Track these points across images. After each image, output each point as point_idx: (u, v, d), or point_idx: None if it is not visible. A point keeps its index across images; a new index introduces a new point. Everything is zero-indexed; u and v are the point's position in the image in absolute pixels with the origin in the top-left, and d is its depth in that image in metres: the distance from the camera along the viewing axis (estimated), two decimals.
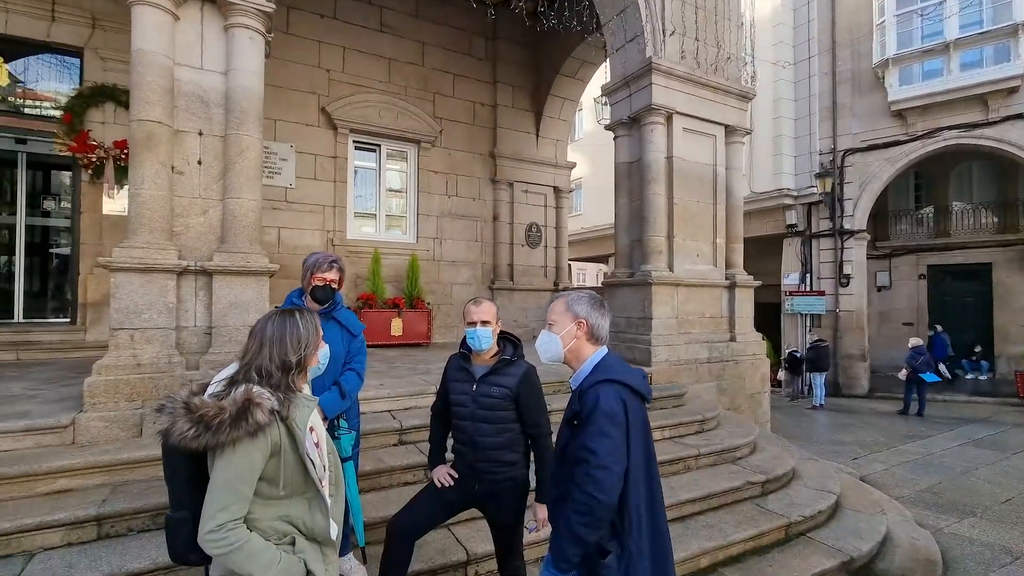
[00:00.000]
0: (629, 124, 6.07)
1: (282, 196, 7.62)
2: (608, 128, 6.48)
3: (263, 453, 1.38)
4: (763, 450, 4.84)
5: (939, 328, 13.55)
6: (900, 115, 12.24)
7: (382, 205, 8.56)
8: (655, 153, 5.74)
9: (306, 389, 1.65)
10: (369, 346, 7.20)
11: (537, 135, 9.65)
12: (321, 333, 1.65)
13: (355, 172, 8.33)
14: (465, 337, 2.36)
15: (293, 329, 1.55)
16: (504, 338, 2.42)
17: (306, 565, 1.47)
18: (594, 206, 20.17)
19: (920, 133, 12.03)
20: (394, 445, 3.73)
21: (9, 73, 6.67)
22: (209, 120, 3.71)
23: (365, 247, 7.97)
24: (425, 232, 8.68)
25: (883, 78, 12.48)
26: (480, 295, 2.58)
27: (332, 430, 2.52)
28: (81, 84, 6.76)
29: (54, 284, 7.49)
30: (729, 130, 6.27)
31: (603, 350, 1.79)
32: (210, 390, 1.45)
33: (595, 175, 19.97)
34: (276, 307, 1.84)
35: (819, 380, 11.59)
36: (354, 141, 8.25)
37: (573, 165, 10.18)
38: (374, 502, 3.10)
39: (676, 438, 4.63)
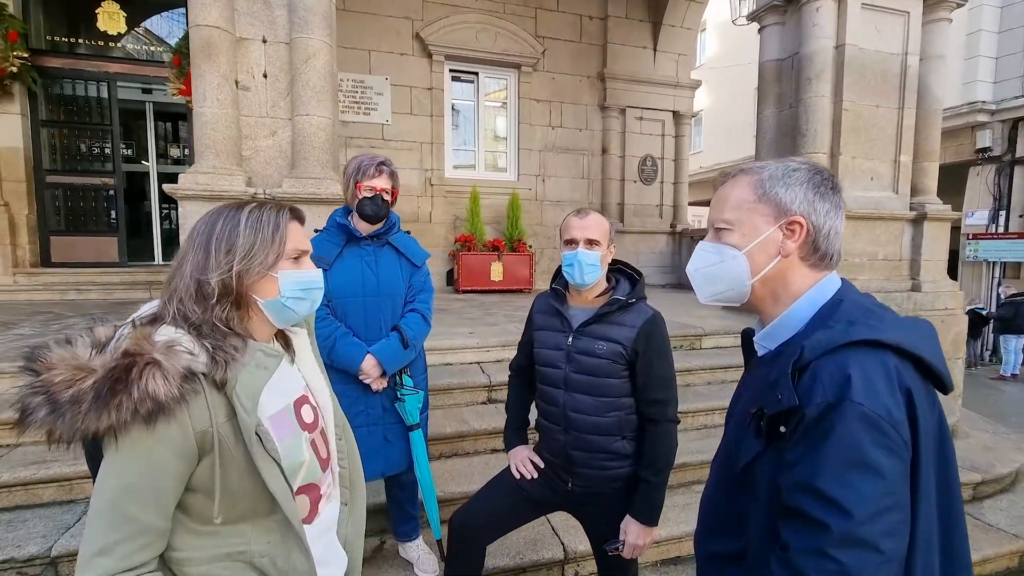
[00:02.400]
0: (782, 7, 4.67)
1: (379, 133, 7.29)
2: (751, 18, 5.10)
3: (176, 450, 0.78)
4: (966, 436, 3.62)
5: None
6: None
7: (481, 142, 7.94)
8: (820, 40, 4.35)
9: (298, 338, 1.02)
10: (467, 291, 6.88)
11: (655, 49, 8.23)
12: (291, 243, 0.93)
13: (453, 111, 7.75)
14: (560, 265, 1.56)
15: (226, 228, 0.89)
16: (617, 271, 1.62)
17: None
18: (716, 142, 17.89)
19: None
20: (482, 403, 3.18)
21: (134, 23, 6.93)
22: (272, 24, 3.24)
23: (464, 186, 7.47)
24: (526, 168, 7.93)
25: None
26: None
27: (394, 390, 1.98)
28: (188, 25, 6.80)
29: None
30: (929, 2, 4.60)
31: (834, 279, 0.87)
32: (121, 331, 0.86)
33: (718, 105, 17.59)
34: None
35: (1013, 344, 9.34)
36: (450, 70, 7.60)
37: (697, 84, 8.62)
38: (456, 471, 2.59)
39: None
